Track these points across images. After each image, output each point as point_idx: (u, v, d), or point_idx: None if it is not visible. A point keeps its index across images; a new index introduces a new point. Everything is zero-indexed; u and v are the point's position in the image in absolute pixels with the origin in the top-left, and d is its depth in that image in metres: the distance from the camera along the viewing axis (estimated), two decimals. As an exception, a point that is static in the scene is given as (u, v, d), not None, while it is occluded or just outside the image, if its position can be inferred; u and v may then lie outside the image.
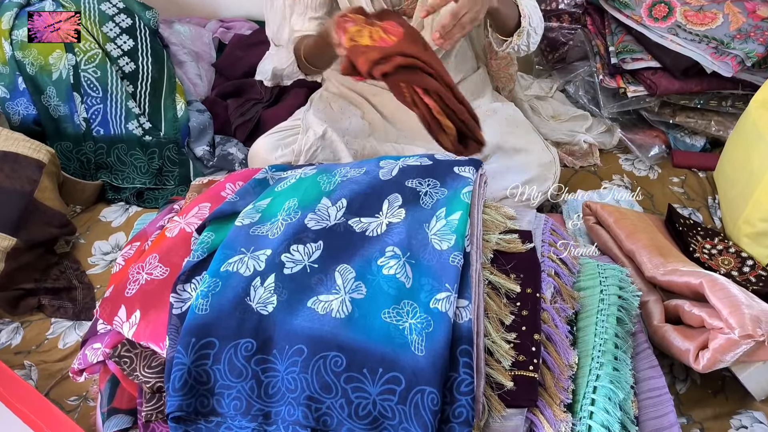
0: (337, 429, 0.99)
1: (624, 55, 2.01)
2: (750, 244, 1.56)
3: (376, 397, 0.98)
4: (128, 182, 1.80)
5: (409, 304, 1.06)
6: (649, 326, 1.35)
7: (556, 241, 1.33)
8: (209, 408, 1.04)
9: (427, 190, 1.24)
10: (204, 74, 2.17)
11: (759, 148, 1.58)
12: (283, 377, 1.02)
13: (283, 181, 1.33)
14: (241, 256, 1.14)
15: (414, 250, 1.13)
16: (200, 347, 1.04)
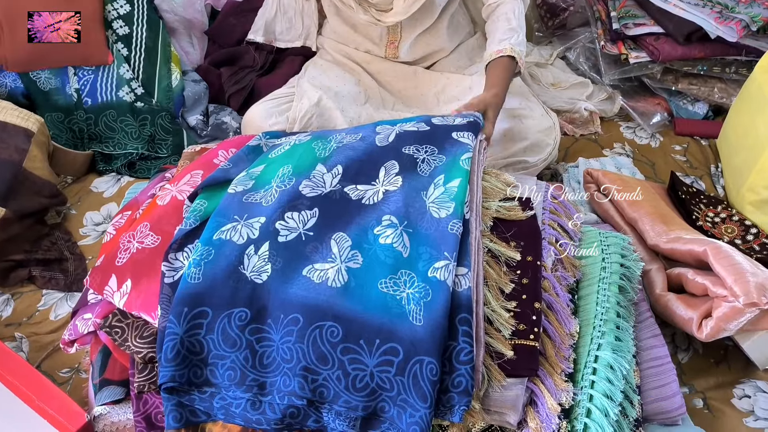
0: (334, 401, 0.97)
1: (626, 21, 1.96)
2: (754, 212, 1.53)
3: (373, 369, 0.96)
4: (120, 148, 1.76)
5: (406, 274, 1.04)
6: (651, 295, 1.33)
7: (558, 208, 1.30)
8: (203, 378, 1.01)
9: (424, 157, 1.21)
10: (196, 42, 2.12)
11: (765, 113, 1.54)
12: (278, 347, 1.00)
13: (277, 148, 1.30)
14: (235, 224, 1.11)
15: (411, 218, 1.11)
16: (193, 317, 1.02)
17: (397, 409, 0.96)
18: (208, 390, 1.02)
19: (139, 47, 1.89)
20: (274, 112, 1.66)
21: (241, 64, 2.04)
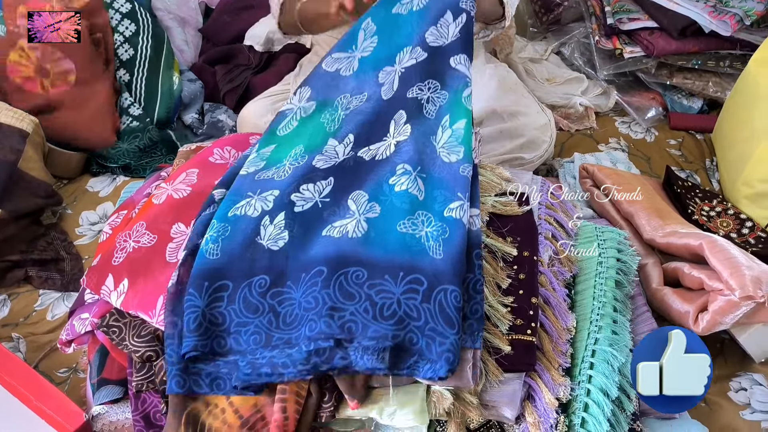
0: (363, 333, 0.97)
1: (620, 15, 1.97)
2: (749, 205, 1.54)
3: (400, 296, 0.99)
4: (112, 162, 1.76)
5: (423, 215, 1.08)
6: (648, 289, 1.33)
7: (554, 204, 1.31)
8: (226, 348, 1.02)
9: (428, 96, 1.24)
10: (190, 40, 2.12)
11: (760, 107, 1.55)
12: (299, 302, 1.02)
13: (284, 122, 1.31)
14: (248, 200, 1.14)
15: (424, 164, 1.14)
16: (214, 290, 1.04)
17: (426, 340, 0.97)
18: (233, 357, 1.02)
19: (142, 67, 1.89)
20: (270, 110, 1.65)
21: (235, 62, 2.04)
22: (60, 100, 1.73)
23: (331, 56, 1.36)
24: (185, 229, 1.16)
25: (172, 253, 1.14)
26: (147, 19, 1.93)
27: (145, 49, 1.90)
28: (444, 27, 1.29)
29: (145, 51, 1.90)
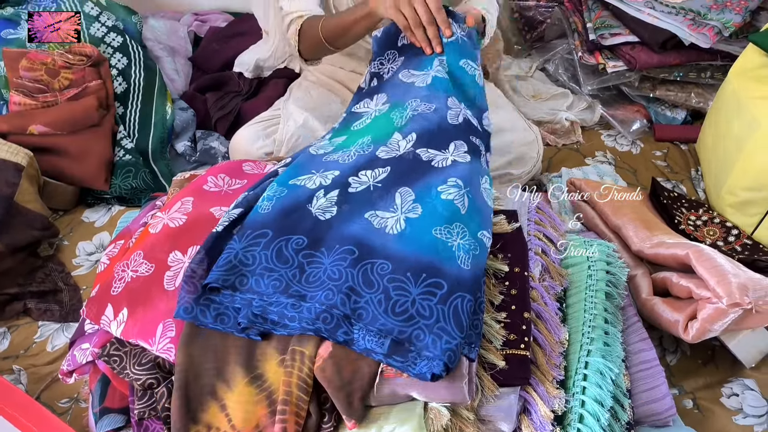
0: (371, 323, 1.01)
1: (602, 31, 2.01)
2: (734, 213, 1.57)
3: (416, 297, 1.02)
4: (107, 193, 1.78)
5: (459, 227, 1.11)
6: (638, 299, 1.35)
7: (542, 219, 1.33)
8: (247, 286, 1.07)
9: (484, 153, 1.31)
10: (181, 69, 2.15)
11: (740, 117, 1.58)
12: (327, 268, 1.07)
13: (360, 120, 1.39)
14: (310, 176, 1.22)
15: (473, 188, 1.19)
16: (255, 237, 1.11)
17: (432, 337, 0.99)
18: (249, 296, 1.07)
19: (136, 100, 1.93)
20: (261, 135, 1.68)
21: (226, 89, 2.07)
22: (58, 146, 1.76)
23: (409, 71, 1.43)
24: (182, 257, 1.18)
25: (170, 281, 1.15)
26: (138, 52, 1.96)
27: (138, 82, 1.93)
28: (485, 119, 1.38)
29: (138, 83, 1.93)
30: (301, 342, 1.04)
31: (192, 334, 1.08)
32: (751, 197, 1.52)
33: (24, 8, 1.90)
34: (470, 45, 1.41)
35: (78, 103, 1.79)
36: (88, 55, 1.86)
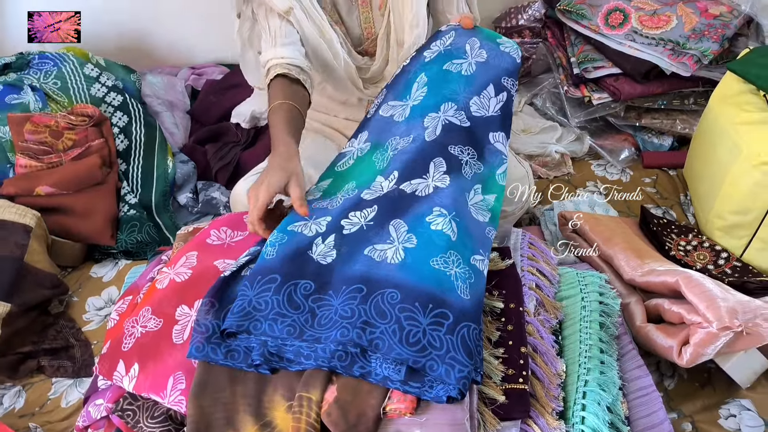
0: (387, 353, 1.06)
1: (585, 65, 2.07)
2: (723, 236, 1.61)
3: (426, 327, 1.08)
4: (113, 249, 1.84)
5: (454, 255, 1.18)
6: (633, 327, 1.39)
7: (535, 254, 1.38)
8: (261, 330, 1.12)
9: (467, 160, 1.36)
10: (179, 122, 2.22)
11: (723, 142, 1.63)
12: (337, 309, 1.13)
13: (343, 160, 1.48)
14: (305, 223, 1.28)
15: (458, 210, 1.26)
16: (265, 282, 1.17)
17: (446, 367, 1.04)
18: (263, 338, 1.13)
19: (138, 155, 1.99)
20: (260, 186, 1.73)
21: (224, 139, 2.13)
22: (64, 205, 1.81)
23: (388, 104, 1.51)
24: (189, 311, 1.22)
25: (178, 334, 1.20)
26: (138, 109, 2.03)
27: (139, 138, 1.99)
28: (485, 99, 1.43)
29: (139, 140, 1.99)
30: (307, 388, 1.08)
31: (202, 385, 1.12)
32: (738, 220, 1.56)
33: (26, 73, 1.97)
34: (459, 51, 1.48)
35: (82, 163, 1.85)
36: (90, 116, 1.93)
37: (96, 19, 2.32)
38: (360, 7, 1.73)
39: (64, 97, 1.96)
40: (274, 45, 1.62)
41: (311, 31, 1.65)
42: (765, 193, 1.49)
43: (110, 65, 2.15)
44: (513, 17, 2.35)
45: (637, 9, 2.07)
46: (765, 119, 1.55)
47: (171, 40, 2.46)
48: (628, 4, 2.09)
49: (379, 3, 1.72)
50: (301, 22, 1.64)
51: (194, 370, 1.14)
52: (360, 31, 1.77)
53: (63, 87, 1.97)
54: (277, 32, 1.63)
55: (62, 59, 2.01)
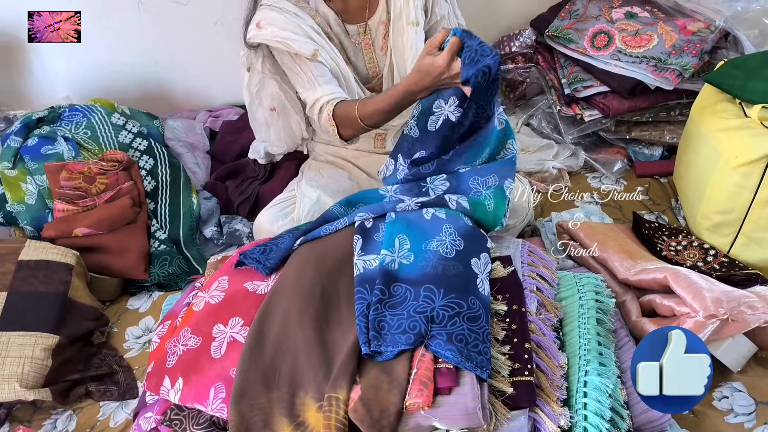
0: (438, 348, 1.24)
1: (575, 85, 2.21)
2: (710, 235, 1.73)
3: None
4: (147, 282, 1.99)
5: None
6: (629, 322, 1.51)
7: (535, 260, 1.51)
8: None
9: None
10: (201, 162, 2.37)
11: (704, 149, 1.76)
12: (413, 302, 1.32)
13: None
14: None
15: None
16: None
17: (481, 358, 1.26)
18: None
19: (165, 195, 2.14)
20: (280, 216, 1.88)
21: (243, 175, 2.27)
22: (100, 244, 1.96)
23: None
24: (224, 328, 1.36)
25: (216, 350, 1.34)
26: (162, 152, 2.19)
27: (165, 179, 2.15)
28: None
29: (165, 180, 2.15)
30: (335, 389, 1.20)
31: (240, 393, 1.25)
32: (722, 219, 1.68)
33: (59, 125, 2.13)
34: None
35: (114, 205, 2.00)
36: (119, 161, 2.08)
37: (120, 72, 2.51)
38: (364, 49, 1.88)
39: (94, 145, 2.11)
40: (315, 85, 1.78)
41: (334, 67, 1.80)
42: (744, 193, 1.61)
43: (134, 113, 2.31)
44: (506, 45, 2.50)
45: (620, 30, 2.21)
46: (740, 125, 1.67)
47: (188, 86, 2.62)
48: (611, 26, 2.23)
49: (381, 44, 1.87)
50: (326, 61, 1.78)
51: (232, 381, 1.27)
52: (366, 70, 1.91)
53: (93, 136, 2.12)
54: (313, 73, 1.78)
55: (90, 111, 2.18)
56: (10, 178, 2.04)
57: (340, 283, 1.40)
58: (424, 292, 1.32)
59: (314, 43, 1.75)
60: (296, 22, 1.75)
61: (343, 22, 1.85)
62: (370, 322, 1.29)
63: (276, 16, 1.75)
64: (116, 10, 2.37)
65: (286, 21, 1.74)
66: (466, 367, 1.22)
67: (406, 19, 1.81)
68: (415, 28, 1.81)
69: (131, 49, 2.49)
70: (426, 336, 1.25)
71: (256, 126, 2.03)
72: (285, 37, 1.73)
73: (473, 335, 1.26)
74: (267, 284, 1.45)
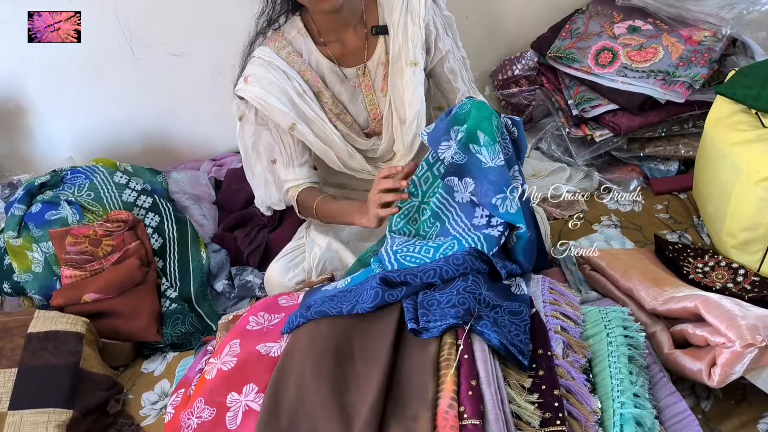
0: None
1: (583, 105, 2.15)
2: (738, 254, 1.66)
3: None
4: (160, 343, 1.94)
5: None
6: (661, 355, 1.44)
7: (557, 298, 1.44)
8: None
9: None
10: (208, 213, 2.33)
11: (723, 164, 1.69)
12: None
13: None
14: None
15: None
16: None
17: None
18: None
19: (173, 251, 2.10)
20: (290, 267, 1.83)
21: (251, 224, 2.23)
22: (110, 309, 1.91)
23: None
24: (239, 397, 1.31)
25: (231, 420, 1.28)
26: (167, 208, 2.15)
27: (172, 235, 2.11)
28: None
29: (172, 237, 2.11)
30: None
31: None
32: (749, 236, 1.62)
33: (62, 189, 2.10)
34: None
35: (122, 266, 1.96)
36: (125, 221, 2.05)
37: (122, 128, 2.49)
38: (364, 92, 1.85)
39: (98, 207, 2.08)
40: (290, 165, 1.88)
41: (315, 140, 1.82)
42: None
43: (137, 170, 2.28)
44: (508, 69, 2.45)
45: (624, 46, 2.16)
46: (759, 137, 1.61)
47: (191, 136, 2.59)
48: (614, 42, 2.18)
49: (381, 85, 1.84)
50: (305, 135, 1.80)
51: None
52: (366, 113, 1.88)
53: (96, 197, 2.09)
54: (292, 150, 1.86)
55: (92, 171, 2.15)
56: (15, 247, 2.01)
57: (354, 338, 1.34)
58: (472, 277, 1.39)
59: (294, 114, 1.78)
60: (282, 84, 1.77)
61: (340, 67, 1.82)
62: (418, 303, 1.37)
63: (263, 74, 1.77)
64: (112, 66, 2.35)
65: (272, 82, 1.76)
66: (510, 352, 1.26)
67: (405, 59, 1.79)
68: (413, 68, 1.78)
69: (130, 104, 2.46)
70: (473, 314, 1.29)
71: (255, 183, 1.99)
72: (267, 103, 1.76)
73: (514, 327, 1.31)
74: (280, 345, 1.40)
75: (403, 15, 1.77)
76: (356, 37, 1.82)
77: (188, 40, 2.36)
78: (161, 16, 2.30)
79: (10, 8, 2.13)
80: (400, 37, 1.78)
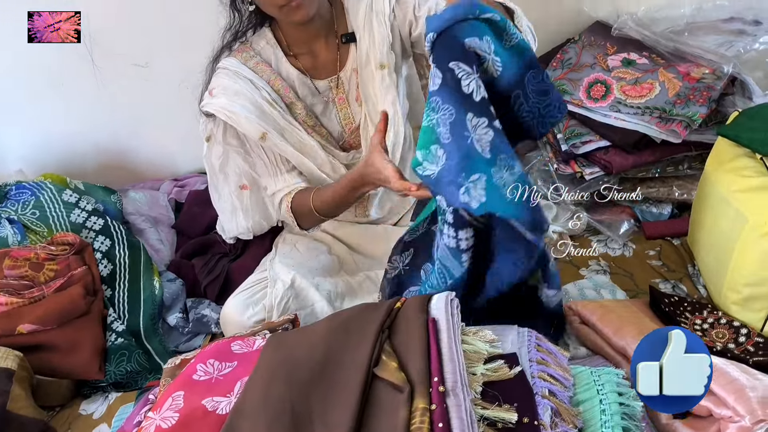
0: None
1: (573, 140, 2.03)
2: (740, 311, 1.53)
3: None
4: (102, 381, 1.75)
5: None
6: (658, 425, 1.30)
7: (544, 357, 1.29)
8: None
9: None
10: (165, 238, 2.16)
11: (725, 212, 1.57)
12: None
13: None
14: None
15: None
16: None
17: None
18: None
19: (123, 279, 1.93)
20: (250, 303, 1.66)
21: (212, 251, 2.07)
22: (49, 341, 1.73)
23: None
24: (178, 460, 1.13)
25: (168, 488, 1.11)
26: (120, 231, 1.98)
27: (123, 261, 1.93)
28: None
29: (123, 263, 1.93)
30: None
31: None
32: (753, 292, 1.49)
33: (4, 206, 1.93)
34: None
35: (64, 294, 1.77)
36: (71, 243, 1.87)
37: (77, 141, 2.32)
38: (338, 105, 1.74)
39: (43, 227, 1.91)
40: (278, 173, 1.74)
41: (290, 150, 1.69)
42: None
43: (89, 188, 2.11)
44: (494, 97, 2.32)
45: (618, 79, 2.04)
46: (765, 184, 1.49)
47: (152, 154, 2.43)
48: (608, 75, 2.06)
49: (356, 95, 1.73)
50: (278, 145, 1.68)
51: None
52: (340, 127, 1.77)
53: (42, 216, 1.92)
54: (276, 160, 1.73)
55: (39, 188, 1.97)
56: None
57: (313, 398, 1.17)
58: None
59: (264, 123, 1.65)
60: (249, 93, 1.65)
61: (311, 80, 1.71)
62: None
63: (228, 84, 1.65)
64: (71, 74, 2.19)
65: (238, 92, 1.64)
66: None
67: (374, 62, 1.69)
68: (382, 71, 1.68)
69: (89, 116, 2.30)
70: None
71: (221, 207, 1.85)
72: (233, 112, 1.64)
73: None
74: (229, 400, 1.22)
75: (368, 15, 1.68)
76: (327, 49, 1.73)
77: (154, 50, 2.21)
78: (125, 24, 2.14)
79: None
80: (366, 40, 1.69)
